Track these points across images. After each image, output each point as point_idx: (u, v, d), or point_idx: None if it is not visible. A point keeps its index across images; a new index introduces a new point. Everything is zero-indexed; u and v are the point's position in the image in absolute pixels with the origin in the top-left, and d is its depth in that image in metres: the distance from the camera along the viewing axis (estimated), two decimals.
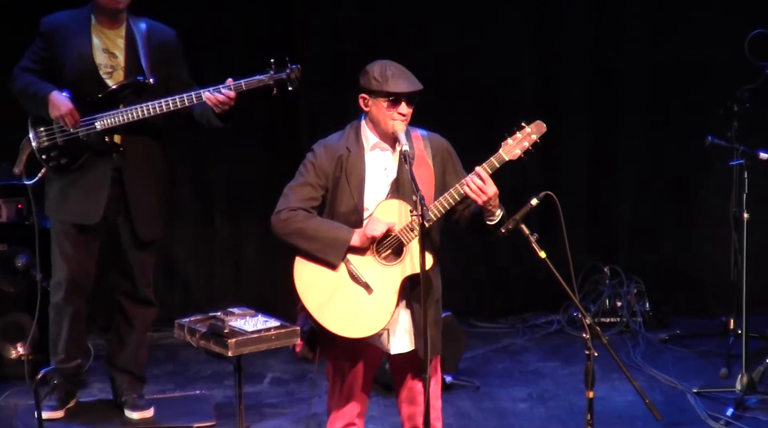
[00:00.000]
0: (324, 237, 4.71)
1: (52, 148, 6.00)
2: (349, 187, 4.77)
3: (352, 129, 4.85)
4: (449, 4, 7.98)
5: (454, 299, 5.00)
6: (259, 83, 5.88)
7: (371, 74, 4.74)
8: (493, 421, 6.40)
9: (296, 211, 4.75)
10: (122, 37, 6.06)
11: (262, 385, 6.96)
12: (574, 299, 4.73)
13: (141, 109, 5.90)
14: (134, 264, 6.23)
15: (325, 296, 4.73)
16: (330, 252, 4.71)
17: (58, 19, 6.07)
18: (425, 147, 4.82)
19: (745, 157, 6.70)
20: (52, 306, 6.24)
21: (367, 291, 4.73)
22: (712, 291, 8.16)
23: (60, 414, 6.27)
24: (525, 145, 4.73)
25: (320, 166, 4.79)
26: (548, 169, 8.16)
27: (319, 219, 4.77)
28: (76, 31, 6.01)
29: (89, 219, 6.06)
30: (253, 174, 8.02)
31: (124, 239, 6.18)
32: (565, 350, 7.58)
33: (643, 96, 8.22)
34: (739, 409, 6.29)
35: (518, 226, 4.68)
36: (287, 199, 4.79)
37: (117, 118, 5.93)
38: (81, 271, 6.16)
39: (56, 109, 5.90)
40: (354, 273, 4.74)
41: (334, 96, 7.83)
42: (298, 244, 4.75)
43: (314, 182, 4.79)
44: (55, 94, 5.91)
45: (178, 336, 5.09)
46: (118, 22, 6.06)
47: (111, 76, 6.02)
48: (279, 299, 7.67)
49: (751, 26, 6.97)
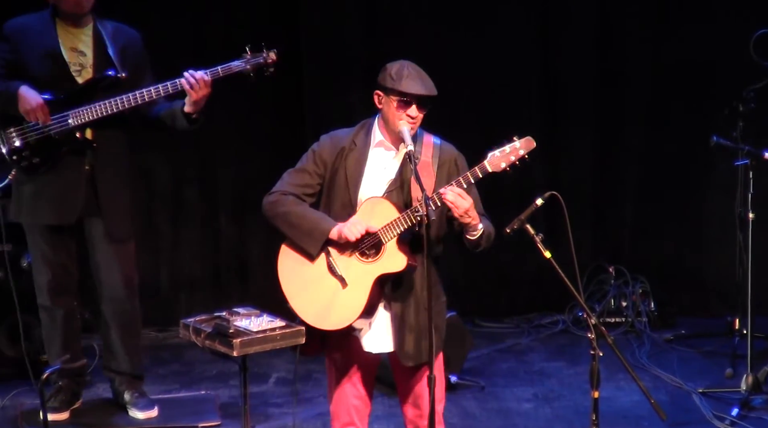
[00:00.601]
0: (305, 226, 4.75)
1: (23, 148, 5.92)
2: (346, 180, 4.79)
3: (363, 125, 4.88)
4: (453, 5, 7.98)
5: (459, 299, 5.01)
6: (236, 69, 5.85)
7: (388, 71, 4.75)
8: (498, 421, 6.40)
9: (286, 196, 4.80)
10: (89, 35, 6.03)
11: (267, 385, 6.96)
12: (580, 299, 4.73)
13: (115, 102, 5.84)
14: (108, 262, 6.16)
15: (301, 284, 4.79)
16: (308, 242, 4.75)
17: (22, 21, 6.02)
18: (433, 155, 4.81)
19: (750, 157, 6.70)
20: (42, 310, 6.22)
21: (341, 284, 4.76)
22: (717, 291, 8.15)
23: (65, 415, 6.26)
24: (512, 158, 4.71)
25: (320, 154, 4.82)
26: (553, 169, 8.16)
27: (305, 208, 4.80)
28: (40, 31, 5.96)
29: (65, 220, 6.03)
30: (258, 174, 8.00)
31: (96, 237, 6.12)
32: (571, 350, 7.58)
33: (648, 96, 8.21)
34: (745, 409, 6.29)
35: (523, 226, 4.68)
36: (282, 183, 4.86)
37: (90, 113, 5.87)
38: (62, 272, 6.14)
39: (26, 103, 5.81)
40: (332, 265, 4.77)
41: (338, 96, 7.84)
42: (280, 228, 4.81)
43: (312, 170, 4.83)
44: (24, 88, 5.83)
45: (183, 336, 5.09)
46: (84, 22, 6.02)
47: (80, 74, 5.98)
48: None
49: (756, 26, 6.97)
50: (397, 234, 4.70)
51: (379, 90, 4.78)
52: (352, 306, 4.74)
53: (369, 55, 7.93)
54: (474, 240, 4.74)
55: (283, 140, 8.00)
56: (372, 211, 4.74)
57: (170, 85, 5.84)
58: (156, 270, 8.06)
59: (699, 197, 8.25)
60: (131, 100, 5.84)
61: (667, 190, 8.28)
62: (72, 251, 6.18)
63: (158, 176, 8.04)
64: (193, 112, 5.91)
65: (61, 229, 6.08)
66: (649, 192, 8.28)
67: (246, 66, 5.85)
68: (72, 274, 6.20)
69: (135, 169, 6.37)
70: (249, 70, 5.86)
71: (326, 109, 7.92)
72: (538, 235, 4.68)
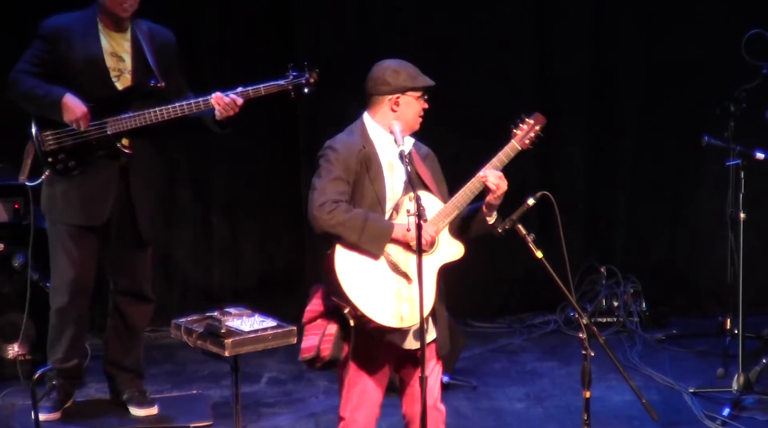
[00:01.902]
0: (368, 229, 4.66)
1: (59, 151, 5.95)
2: (370, 181, 4.75)
3: (357, 128, 4.85)
4: (447, 4, 7.98)
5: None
6: (279, 88, 5.91)
7: (404, 73, 4.77)
8: (491, 421, 6.40)
9: (339, 203, 4.68)
10: (128, 40, 6.04)
11: (259, 385, 6.96)
12: (571, 299, 4.74)
13: (153, 113, 5.89)
14: (137, 263, 6.22)
15: (368, 286, 4.67)
16: (373, 244, 4.67)
17: (63, 22, 6.00)
18: (417, 150, 4.87)
19: (741, 157, 6.70)
20: (55, 310, 6.18)
21: (407, 280, 4.71)
22: (709, 291, 8.16)
23: (57, 415, 6.24)
24: (532, 135, 4.83)
25: (345, 161, 4.74)
26: (545, 168, 8.17)
27: (360, 211, 4.71)
28: (83, 34, 5.96)
29: (96, 221, 6.05)
30: (251, 174, 8.02)
31: (127, 239, 6.16)
32: (562, 350, 7.58)
33: (640, 96, 8.22)
34: (736, 409, 6.29)
35: (515, 226, 4.69)
36: (325, 194, 4.69)
37: (129, 122, 5.92)
38: (84, 273, 6.13)
39: (71, 113, 5.84)
40: (394, 262, 4.72)
41: (333, 98, 7.84)
42: (344, 235, 4.66)
43: (343, 176, 4.74)
44: (69, 96, 5.85)
45: (175, 336, 5.09)
46: (124, 26, 6.03)
47: (119, 80, 6.00)
48: (276, 299, 7.71)
49: (747, 26, 6.98)
50: (448, 222, 4.72)
51: (398, 92, 4.76)
52: (425, 300, 4.65)
53: (363, 56, 7.92)
54: (492, 224, 4.77)
55: (277, 140, 8.00)
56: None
57: (203, 101, 5.92)
58: None
59: (690, 197, 8.26)
60: (171, 112, 5.89)
61: (659, 190, 8.29)
62: (95, 253, 6.17)
63: None
64: (222, 119, 5.97)
65: (89, 230, 6.09)
66: (641, 192, 8.29)
67: (289, 86, 5.91)
68: (91, 277, 6.20)
69: (165, 175, 6.39)
70: (291, 89, 5.92)
71: (319, 110, 7.91)
72: (530, 235, 4.69)
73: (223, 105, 5.87)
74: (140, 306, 6.32)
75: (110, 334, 6.38)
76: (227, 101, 5.86)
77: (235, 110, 5.90)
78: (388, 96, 4.77)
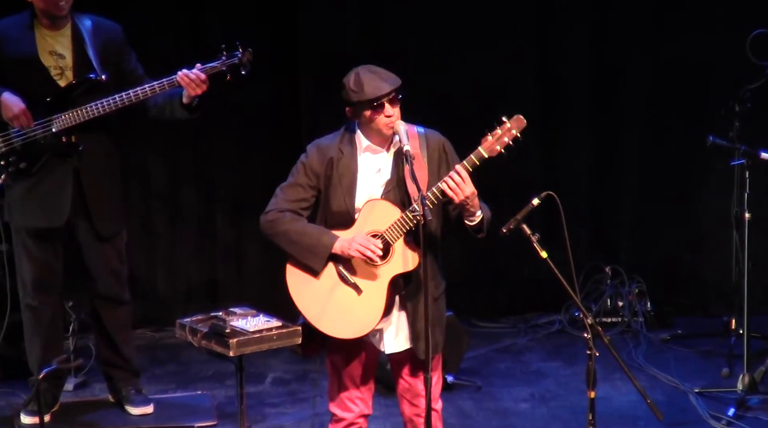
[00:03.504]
0: (306, 243, 4.73)
1: (9, 154, 5.95)
2: (341, 188, 4.77)
3: (347, 130, 4.85)
4: (450, 5, 7.97)
5: (455, 299, 5.00)
6: (212, 70, 5.86)
7: (348, 86, 4.74)
8: (495, 421, 6.40)
9: (283, 213, 4.77)
10: (67, 36, 6.01)
11: (263, 385, 6.96)
12: (576, 299, 4.73)
13: (98, 106, 5.87)
14: (97, 260, 6.19)
15: (316, 298, 4.76)
16: (312, 258, 4.74)
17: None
18: (421, 146, 4.80)
19: (746, 157, 6.69)
20: (26, 309, 6.20)
21: (356, 292, 4.74)
22: (714, 291, 8.15)
23: (46, 418, 6.21)
24: (505, 140, 4.70)
25: (311, 166, 4.79)
26: (549, 168, 8.16)
27: (303, 224, 4.78)
28: (17, 37, 5.96)
29: (54, 222, 6.04)
30: (255, 175, 8.01)
31: (84, 237, 6.14)
32: (567, 350, 7.58)
33: (645, 95, 8.21)
34: (741, 409, 6.29)
35: (520, 226, 4.68)
36: (277, 200, 4.81)
37: (74, 117, 5.90)
38: (48, 270, 6.14)
39: (9, 110, 5.84)
40: (342, 274, 4.75)
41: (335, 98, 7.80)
42: (282, 246, 4.78)
43: (305, 183, 4.79)
44: (6, 94, 5.86)
45: (179, 336, 5.09)
46: (62, 24, 6.01)
47: (61, 77, 5.98)
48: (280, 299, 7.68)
49: (752, 26, 6.97)
50: (403, 233, 4.69)
51: (347, 106, 4.76)
52: (372, 312, 4.72)
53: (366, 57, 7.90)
54: (475, 226, 4.72)
55: (280, 142, 8.00)
56: (372, 213, 4.73)
57: (149, 88, 5.86)
58: (153, 271, 8.06)
59: (695, 197, 8.25)
60: (117, 102, 5.87)
61: (664, 190, 8.27)
62: (58, 251, 6.17)
63: (155, 177, 8.03)
64: (191, 102, 5.93)
65: (49, 232, 6.09)
66: (645, 192, 8.28)
67: (222, 67, 5.86)
68: (57, 274, 6.19)
69: (122, 166, 6.35)
70: (225, 70, 5.86)
71: (322, 111, 7.90)
72: (535, 235, 4.68)
73: (188, 82, 5.83)
74: (114, 308, 6.28)
75: (96, 335, 6.40)
76: (193, 77, 5.83)
77: (203, 87, 5.85)
78: (345, 106, 4.77)
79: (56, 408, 6.33)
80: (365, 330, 4.74)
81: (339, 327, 4.75)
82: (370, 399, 4.99)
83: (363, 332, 4.74)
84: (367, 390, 4.96)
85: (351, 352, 4.87)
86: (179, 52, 7.61)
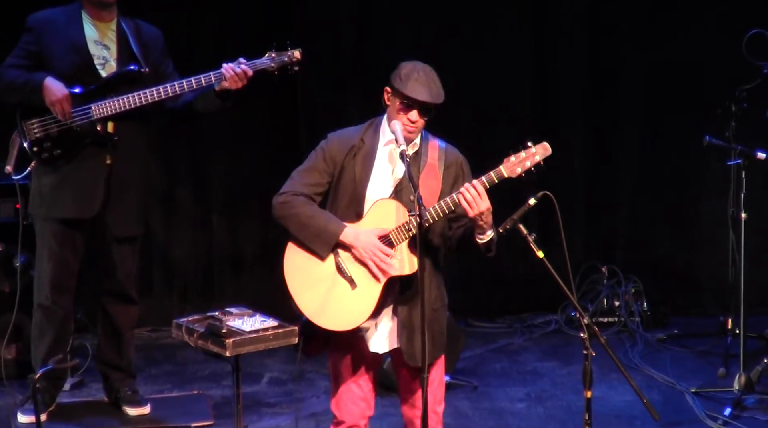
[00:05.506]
0: (315, 227, 4.70)
1: (45, 140, 5.93)
2: (354, 179, 4.75)
3: (372, 123, 4.84)
4: (447, 7, 7.98)
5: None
6: (261, 66, 5.89)
7: (399, 71, 4.72)
8: (491, 421, 6.40)
9: (297, 196, 4.73)
10: (113, 29, 6.05)
11: (260, 385, 6.96)
12: (572, 299, 4.73)
13: (138, 96, 5.87)
14: (116, 260, 6.17)
15: (307, 282, 4.72)
16: (318, 243, 4.70)
17: (47, 14, 6.05)
18: (439, 158, 4.79)
19: (743, 157, 6.70)
20: (37, 308, 6.17)
21: (351, 285, 4.72)
22: (710, 291, 8.17)
23: (43, 418, 6.21)
24: (527, 164, 4.70)
25: (330, 152, 4.77)
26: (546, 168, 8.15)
27: (315, 208, 4.75)
28: (66, 23, 5.99)
29: (86, 213, 6.01)
30: (251, 174, 8.02)
31: (108, 235, 6.12)
32: (563, 350, 7.58)
33: (641, 96, 8.23)
34: (737, 409, 6.29)
35: (516, 226, 4.68)
36: (293, 183, 4.77)
37: (113, 106, 5.88)
38: (65, 270, 6.11)
39: (52, 94, 5.83)
40: (341, 266, 4.72)
41: (332, 96, 7.84)
42: (290, 228, 4.74)
43: (321, 168, 4.77)
44: (49, 79, 5.85)
45: (176, 336, 5.09)
46: (109, 16, 6.05)
47: (104, 68, 6.01)
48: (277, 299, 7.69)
49: (748, 26, 6.98)
50: (409, 237, 4.67)
51: (388, 87, 4.74)
52: (362, 309, 4.70)
53: (363, 56, 7.93)
54: (484, 244, 4.68)
55: (277, 141, 8.00)
56: (381, 212, 4.70)
57: (185, 83, 5.87)
58: (149, 270, 8.05)
59: (692, 197, 8.26)
60: (154, 94, 5.87)
61: (660, 190, 8.29)
62: (78, 250, 6.14)
63: None
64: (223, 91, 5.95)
65: (75, 225, 6.06)
66: (642, 192, 8.30)
67: (271, 64, 5.88)
68: (74, 275, 6.16)
69: (155, 165, 6.35)
70: (274, 67, 5.89)
71: (320, 110, 7.92)
72: (531, 235, 4.68)
73: (232, 75, 5.85)
74: (124, 307, 6.28)
75: (100, 334, 6.38)
76: (239, 71, 5.85)
77: (244, 82, 5.88)
78: (386, 86, 4.75)
79: (53, 408, 6.32)
80: (350, 325, 4.70)
81: (323, 317, 4.70)
82: (373, 400, 4.96)
83: (347, 326, 4.70)
84: (370, 391, 4.93)
85: (353, 351, 4.84)
86: (179, 52, 7.60)
